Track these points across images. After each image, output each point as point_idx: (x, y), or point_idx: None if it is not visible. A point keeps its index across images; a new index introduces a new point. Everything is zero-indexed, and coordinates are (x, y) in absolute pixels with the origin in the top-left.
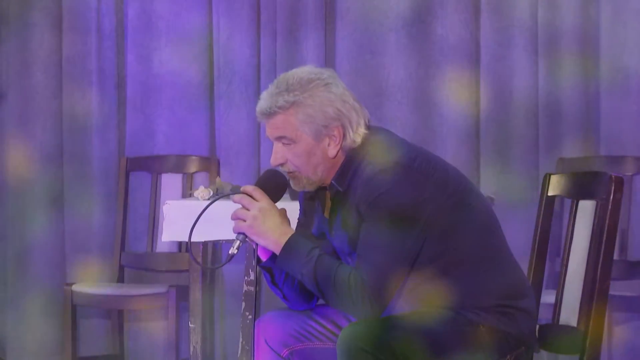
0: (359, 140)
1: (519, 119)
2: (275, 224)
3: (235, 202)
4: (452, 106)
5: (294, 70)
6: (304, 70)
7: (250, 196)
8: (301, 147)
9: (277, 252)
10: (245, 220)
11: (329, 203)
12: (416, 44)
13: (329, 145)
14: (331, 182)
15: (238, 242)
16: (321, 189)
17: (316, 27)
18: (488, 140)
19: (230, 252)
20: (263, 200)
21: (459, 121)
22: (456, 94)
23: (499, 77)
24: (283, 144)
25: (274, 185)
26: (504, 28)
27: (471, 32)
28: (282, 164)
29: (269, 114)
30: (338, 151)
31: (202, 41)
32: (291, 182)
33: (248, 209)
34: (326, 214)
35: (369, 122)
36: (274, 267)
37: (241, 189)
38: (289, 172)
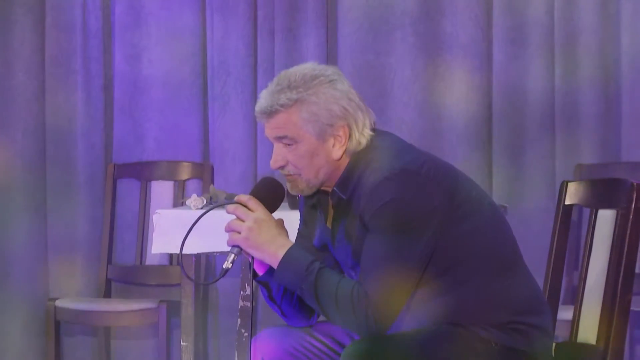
0: (364, 142)
1: (534, 122)
2: (272, 235)
3: (229, 212)
4: (462, 109)
5: (295, 67)
6: (307, 67)
7: (245, 206)
8: (304, 148)
9: (275, 265)
10: (240, 232)
11: (332, 212)
12: (424, 42)
13: (333, 146)
14: (333, 189)
15: (233, 255)
16: (323, 195)
17: (317, 25)
18: (501, 146)
19: (224, 266)
20: (259, 210)
21: (470, 125)
22: (466, 95)
23: (513, 78)
24: (284, 144)
25: (271, 194)
26: (517, 25)
27: (483, 30)
28: (282, 167)
29: (270, 112)
30: (343, 153)
31: (194, 39)
32: (288, 186)
33: (243, 220)
34: (329, 224)
35: (374, 124)
36: (271, 282)
37: (235, 198)
38: (288, 175)
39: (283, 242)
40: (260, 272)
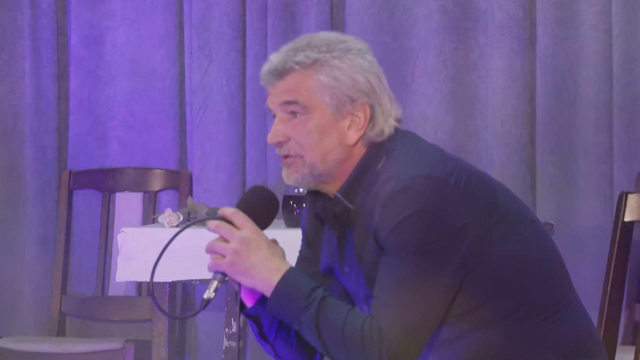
0: (387, 133)
1: (586, 120)
2: (264, 257)
3: (210, 230)
4: (499, 103)
5: (317, 32)
6: (331, 33)
7: (230, 222)
8: (315, 120)
9: (268, 293)
10: (224, 256)
11: (337, 228)
12: (452, 21)
13: (349, 128)
14: (336, 196)
15: (216, 283)
16: (329, 203)
17: (319, 0)
18: (546, 149)
19: (205, 296)
20: (246, 227)
21: (509, 123)
22: (505, 87)
23: (561, 65)
24: (290, 114)
25: (262, 206)
26: (567, 1)
27: (524, 7)
28: (281, 144)
29: (282, 71)
30: (358, 139)
31: (168, 18)
32: (284, 171)
33: (227, 241)
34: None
35: (399, 121)
36: (262, 315)
37: (218, 212)
38: (286, 157)
39: (277, 265)
40: (249, 304)
